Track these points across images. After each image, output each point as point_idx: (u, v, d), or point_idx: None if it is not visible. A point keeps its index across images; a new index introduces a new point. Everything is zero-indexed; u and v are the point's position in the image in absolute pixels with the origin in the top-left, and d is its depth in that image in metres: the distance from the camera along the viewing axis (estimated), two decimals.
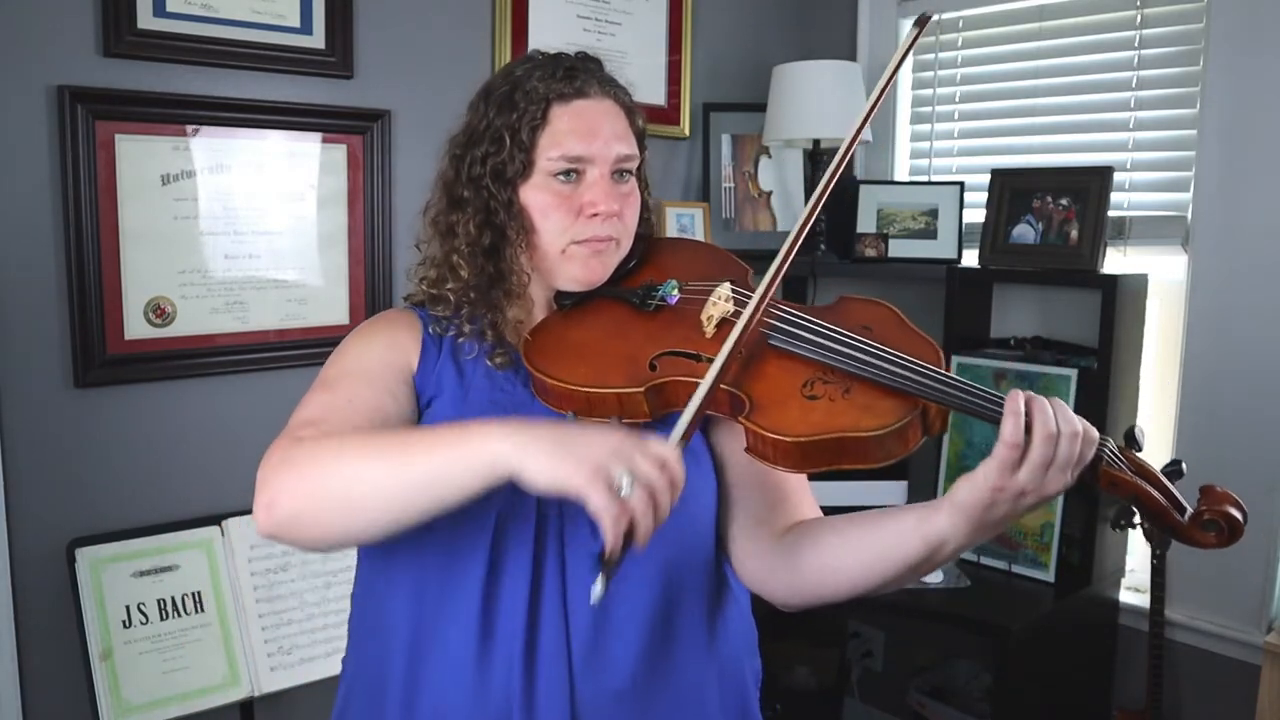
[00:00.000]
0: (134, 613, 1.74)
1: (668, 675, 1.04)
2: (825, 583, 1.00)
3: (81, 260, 1.75)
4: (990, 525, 0.88)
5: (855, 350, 0.95)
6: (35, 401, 1.74)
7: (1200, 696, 2.24)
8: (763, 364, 0.98)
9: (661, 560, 1.04)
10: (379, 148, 2.09)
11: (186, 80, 1.85)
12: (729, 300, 1.04)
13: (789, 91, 2.52)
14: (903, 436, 0.90)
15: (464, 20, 2.23)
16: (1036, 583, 2.22)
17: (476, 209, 1.08)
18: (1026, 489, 0.85)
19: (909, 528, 0.92)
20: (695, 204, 2.67)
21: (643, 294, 1.09)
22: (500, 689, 0.99)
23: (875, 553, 0.95)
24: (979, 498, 0.86)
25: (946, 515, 0.89)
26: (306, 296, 2.04)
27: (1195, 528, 0.91)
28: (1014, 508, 0.87)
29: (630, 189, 1.11)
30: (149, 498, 1.86)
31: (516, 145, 1.05)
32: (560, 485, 0.79)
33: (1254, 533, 2.14)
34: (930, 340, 0.98)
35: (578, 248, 1.07)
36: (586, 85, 1.08)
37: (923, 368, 0.92)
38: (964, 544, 0.90)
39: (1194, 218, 2.21)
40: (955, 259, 2.55)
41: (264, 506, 0.89)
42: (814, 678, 2.71)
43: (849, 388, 0.93)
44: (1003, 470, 0.85)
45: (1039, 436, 0.84)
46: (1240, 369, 2.14)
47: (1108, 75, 2.39)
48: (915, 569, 0.94)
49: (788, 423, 0.91)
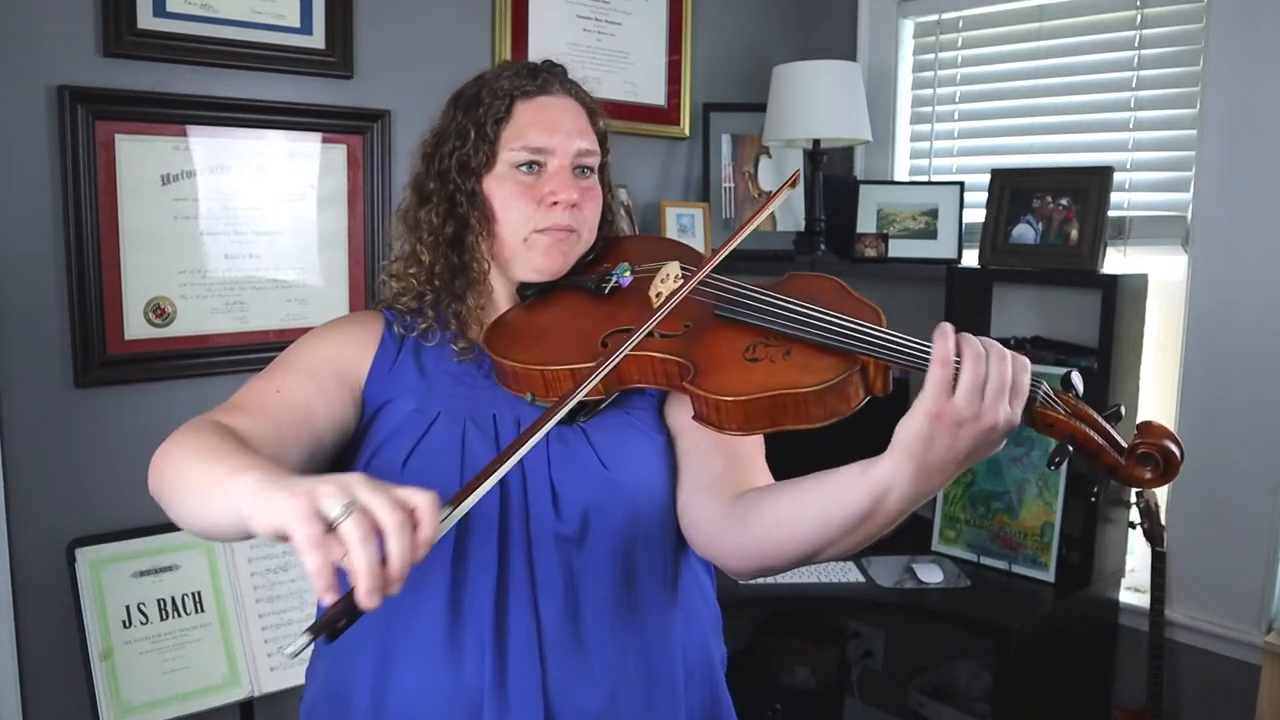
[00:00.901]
0: (134, 613, 1.74)
1: (636, 656, 1.06)
2: (771, 540, 0.97)
3: (81, 260, 1.75)
4: (933, 467, 0.85)
5: (794, 314, 0.98)
6: (35, 401, 1.74)
7: (1200, 696, 2.24)
8: (708, 333, 1.02)
9: (621, 539, 1.05)
10: (379, 148, 2.09)
11: (186, 80, 1.85)
12: (677, 278, 1.08)
13: (789, 91, 2.52)
14: (842, 392, 0.92)
15: (464, 20, 2.23)
16: (1036, 583, 2.23)
17: (441, 199, 1.12)
18: (963, 415, 0.82)
19: (853, 478, 0.90)
20: (695, 204, 2.67)
21: (597, 279, 1.13)
22: (472, 677, 1.00)
23: (820, 508, 0.93)
24: (916, 429, 0.84)
25: (888, 458, 0.87)
26: (306, 296, 2.04)
27: (1132, 462, 0.90)
28: (954, 442, 0.84)
29: (591, 184, 1.15)
30: (149, 498, 1.85)
31: (481, 138, 1.10)
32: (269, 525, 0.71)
33: (1254, 533, 2.16)
34: (872, 305, 1.00)
35: (539, 236, 1.11)
36: (549, 84, 1.14)
37: (858, 325, 0.94)
38: (908, 491, 0.86)
39: (1194, 218, 2.21)
40: (955, 259, 2.56)
41: (149, 485, 0.96)
42: (814, 678, 2.71)
43: (789, 349, 0.96)
44: (937, 395, 0.82)
45: (969, 357, 0.82)
46: (1240, 369, 2.14)
47: (1108, 75, 2.39)
48: (861, 522, 0.90)
49: (729, 384, 0.94)
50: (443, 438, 1.05)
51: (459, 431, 1.05)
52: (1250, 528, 2.13)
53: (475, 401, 1.08)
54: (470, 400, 1.08)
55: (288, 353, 1.10)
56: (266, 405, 1.01)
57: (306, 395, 1.03)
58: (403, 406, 1.07)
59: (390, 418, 1.07)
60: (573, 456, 1.05)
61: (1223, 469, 2.15)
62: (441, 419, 1.06)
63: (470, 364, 1.11)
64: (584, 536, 1.04)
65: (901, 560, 2.30)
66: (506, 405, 1.08)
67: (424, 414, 1.06)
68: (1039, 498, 2.26)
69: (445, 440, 1.05)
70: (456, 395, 1.09)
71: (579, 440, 1.07)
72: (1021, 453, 2.30)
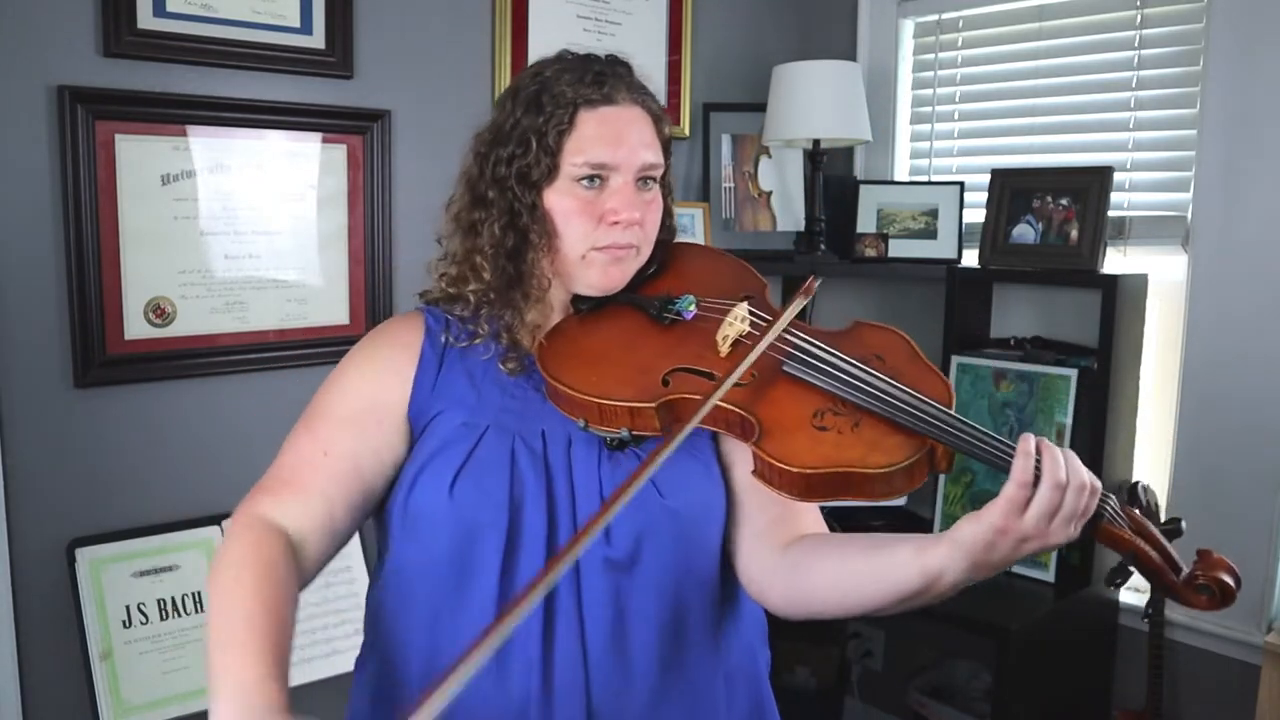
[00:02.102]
0: (134, 613, 1.74)
1: (681, 677, 1.05)
2: (821, 600, 1.00)
3: (81, 260, 1.75)
4: (989, 566, 0.88)
5: (868, 384, 0.95)
6: (35, 401, 1.74)
7: (1200, 696, 2.23)
8: (775, 390, 0.98)
9: (672, 566, 1.04)
10: (379, 148, 2.09)
11: (186, 80, 1.85)
12: (745, 321, 1.04)
13: (789, 91, 2.52)
14: (909, 474, 0.91)
15: (464, 20, 2.23)
16: (1036, 583, 2.22)
17: (501, 210, 1.08)
18: (1030, 534, 0.85)
19: (907, 557, 0.92)
20: (695, 204, 2.67)
21: (660, 305, 1.09)
22: (518, 691, 0.99)
23: (872, 578, 0.95)
24: (981, 537, 0.86)
25: (946, 549, 0.89)
26: (306, 296, 2.04)
27: (1189, 590, 0.92)
28: (1014, 552, 0.87)
29: (653, 196, 1.11)
30: (149, 498, 1.86)
31: (543, 149, 1.05)
32: None
33: (1254, 533, 2.16)
34: (941, 375, 0.99)
35: (598, 254, 1.07)
36: (615, 91, 1.08)
37: (934, 408, 0.92)
38: (960, 581, 0.90)
39: (1194, 218, 2.21)
40: (955, 259, 2.55)
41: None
42: (814, 678, 2.71)
43: (859, 421, 0.94)
44: (1009, 512, 0.85)
45: (1047, 483, 0.85)
46: (1240, 369, 2.13)
47: (1108, 75, 2.39)
48: (911, 598, 0.93)
49: (795, 453, 0.91)
50: (492, 452, 1.03)
51: (508, 446, 1.03)
52: (1250, 528, 2.12)
53: (524, 416, 1.06)
54: (519, 415, 1.06)
55: (327, 395, 1.08)
56: (317, 474, 1.02)
57: (353, 450, 1.03)
58: (451, 419, 1.05)
59: (438, 430, 1.05)
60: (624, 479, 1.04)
61: (1223, 469, 2.15)
62: (490, 432, 1.04)
63: (521, 376, 1.09)
64: (634, 563, 1.02)
65: None
66: (557, 422, 1.05)
67: (472, 427, 1.04)
68: None
69: (495, 454, 1.03)
70: (506, 409, 1.06)
71: (632, 465, 1.04)
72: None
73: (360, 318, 2.11)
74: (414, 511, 1.03)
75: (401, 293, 2.16)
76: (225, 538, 0.98)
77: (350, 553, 1.97)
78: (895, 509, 2.46)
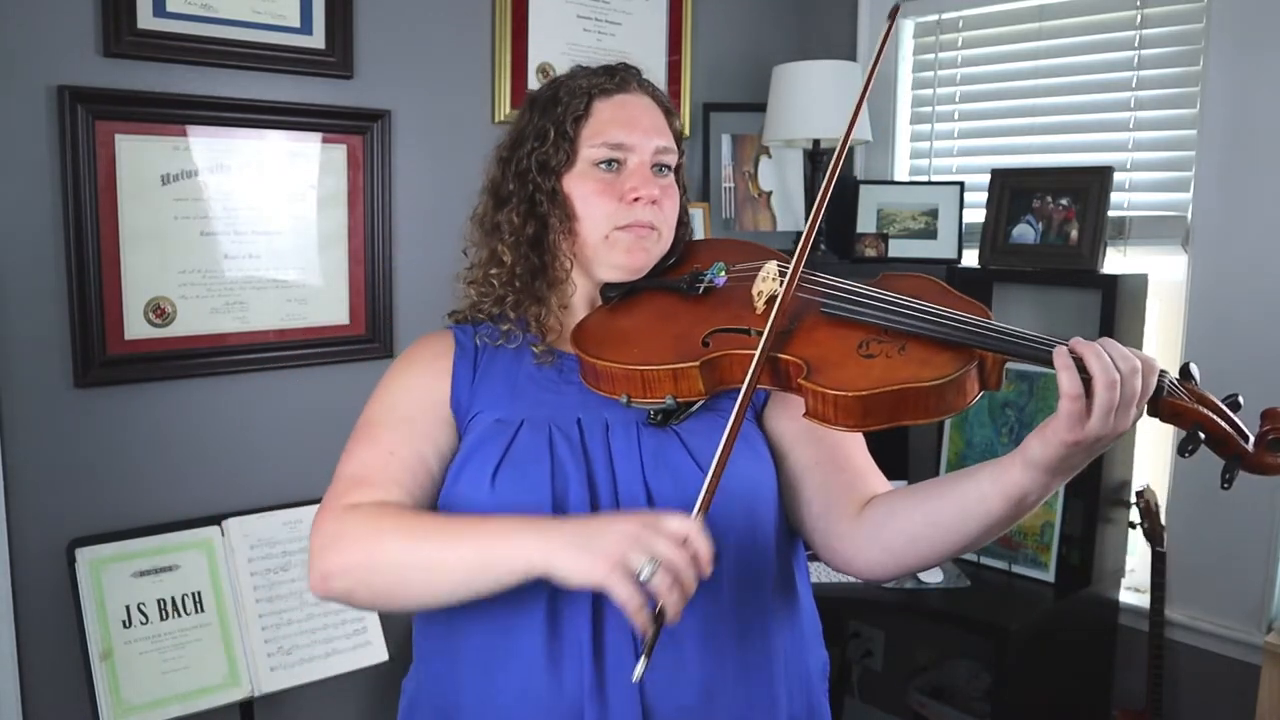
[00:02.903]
0: (134, 613, 1.74)
1: (736, 680, 1.04)
2: (913, 552, 1.01)
3: (81, 260, 1.75)
4: (1070, 469, 0.89)
5: (907, 309, 0.97)
6: (35, 401, 1.74)
7: (1200, 696, 2.24)
8: (816, 331, 1.00)
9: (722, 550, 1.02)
10: (379, 148, 2.09)
11: (186, 80, 1.85)
12: (776, 278, 1.06)
13: (789, 91, 2.52)
14: (961, 387, 0.91)
15: (464, 20, 2.23)
16: (1036, 583, 2.22)
17: (521, 199, 1.11)
18: (1101, 434, 0.84)
19: (985, 488, 0.93)
20: (695, 204, 2.67)
21: (690, 279, 1.11)
22: (572, 684, 0.99)
23: (959, 518, 0.96)
24: (1053, 453, 0.86)
25: (1022, 471, 0.89)
26: (306, 296, 2.04)
27: (1262, 449, 0.91)
28: (1091, 450, 0.87)
29: (669, 183, 1.14)
30: (149, 498, 1.86)
31: (561, 136, 1.09)
32: (587, 582, 0.84)
33: (1254, 533, 2.16)
34: (975, 302, 1.00)
35: (621, 234, 1.10)
36: (627, 82, 1.14)
37: (975, 320, 0.94)
38: (1046, 492, 0.91)
39: (1194, 218, 2.21)
40: (955, 259, 2.56)
41: (319, 577, 0.97)
42: None
43: (904, 345, 0.95)
44: (1072, 424, 0.84)
45: (1101, 384, 0.83)
46: (1240, 369, 2.13)
47: (1108, 75, 2.39)
48: (1004, 524, 0.94)
49: (848, 379, 0.92)
50: (530, 444, 1.04)
51: (545, 438, 1.04)
52: (1250, 528, 2.12)
53: (558, 407, 1.07)
54: (554, 406, 1.07)
55: (379, 406, 1.10)
56: (391, 473, 1.02)
57: (417, 447, 1.05)
58: (486, 419, 1.07)
59: (475, 430, 1.07)
60: (667, 460, 1.04)
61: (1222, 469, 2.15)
62: (525, 427, 1.05)
63: (550, 369, 1.10)
64: None
65: None
66: (592, 408, 1.07)
67: (507, 424, 1.05)
68: None
69: (532, 447, 1.04)
70: (540, 403, 1.08)
71: (674, 444, 1.05)
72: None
73: (360, 318, 2.11)
74: (457, 508, 1.04)
75: (401, 293, 2.16)
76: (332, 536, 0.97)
77: None
78: None
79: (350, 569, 0.96)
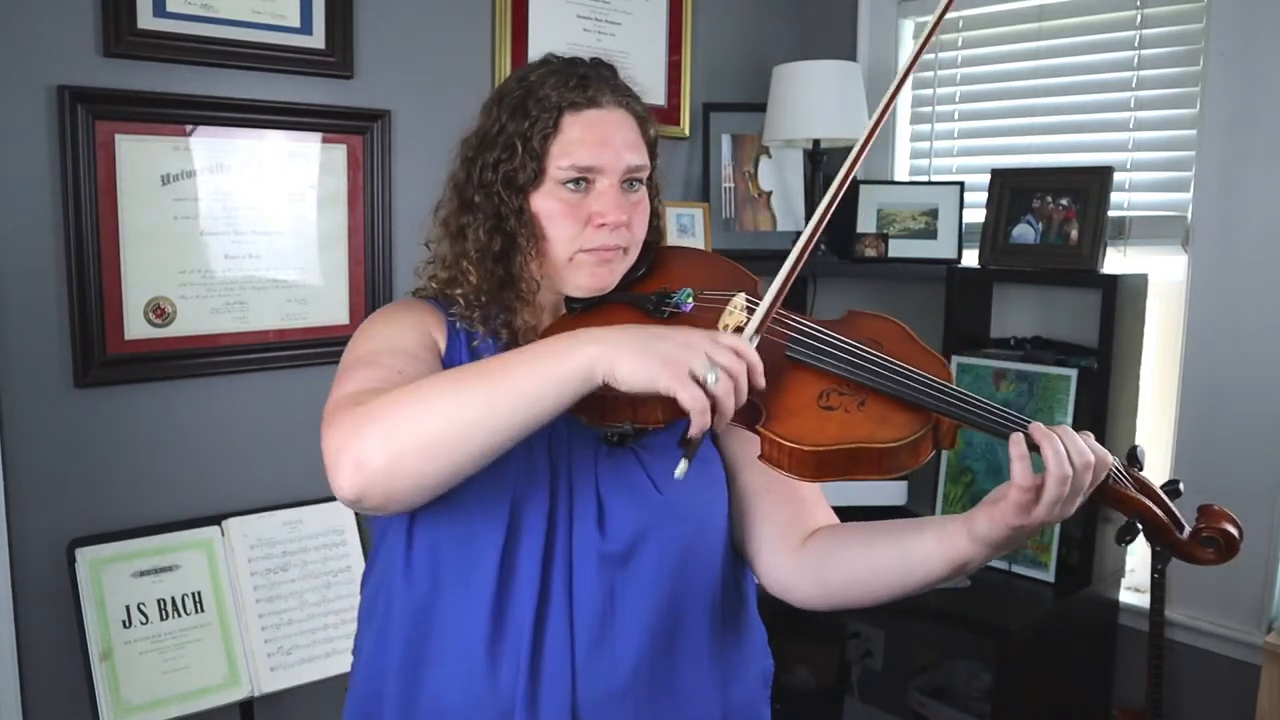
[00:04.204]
0: (134, 613, 1.74)
1: (670, 678, 1.05)
2: (850, 594, 1.04)
3: (81, 260, 1.75)
4: (1012, 547, 0.94)
5: (871, 364, 0.96)
6: (35, 401, 1.74)
7: (1200, 696, 2.24)
8: (779, 375, 0.98)
9: (669, 567, 1.04)
10: (379, 148, 2.09)
11: (186, 80, 1.85)
12: (744, 310, 1.04)
13: (789, 91, 2.52)
14: (915, 449, 0.92)
15: (464, 20, 2.23)
16: (1036, 583, 2.22)
17: (487, 214, 1.08)
18: (1045, 520, 0.88)
19: (929, 548, 0.96)
20: (695, 204, 2.67)
21: (657, 300, 1.09)
22: (507, 685, 1.00)
23: (901, 571, 0.99)
24: (998, 533, 0.90)
25: (967, 543, 0.93)
26: (306, 296, 2.04)
27: (1195, 544, 0.94)
28: (1033, 534, 0.91)
29: (640, 198, 1.11)
30: (149, 498, 1.86)
31: (528, 153, 1.05)
32: (652, 385, 0.84)
33: (1254, 533, 2.15)
34: (939, 356, 1.00)
35: (585, 256, 1.07)
36: (599, 94, 1.08)
37: (937, 383, 0.94)
38: (986, 561, 0.95)
39: (1194, 218, 2.21)
40: (955, 259, 2.55)
41: (352, 467, 0.85)
42: (814, 678, 2.71)
43: (864, 400, 0.95)
44: (1019, 511, 0.87)
45: (1054, 479, 0.86)
46: (1240, 369, 2.14)
47: (1108, 75, 2.39)
48: (940, 581, 0.99)
49: (804, 432, 0.92)
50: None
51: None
52: (1250, 528, 2.11)
53: None
54: None
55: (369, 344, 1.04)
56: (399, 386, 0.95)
57: (420, 370, 1.00)
58: None
59: None
60: (624, 477, 1.04)
61: (1223, 469, 2.15)
62: None
63: None
64: (630, 558, 1.03)
65: None
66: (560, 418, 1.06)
67: None
68: None
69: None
70: None
71: (630, 462, 1.05)
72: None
73: (360, 318, 2.10)
74: None
75: (401, 293, 2.16)
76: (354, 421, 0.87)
77: (350, 553, 1.97)
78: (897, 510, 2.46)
79: (391, 435, 0.86)
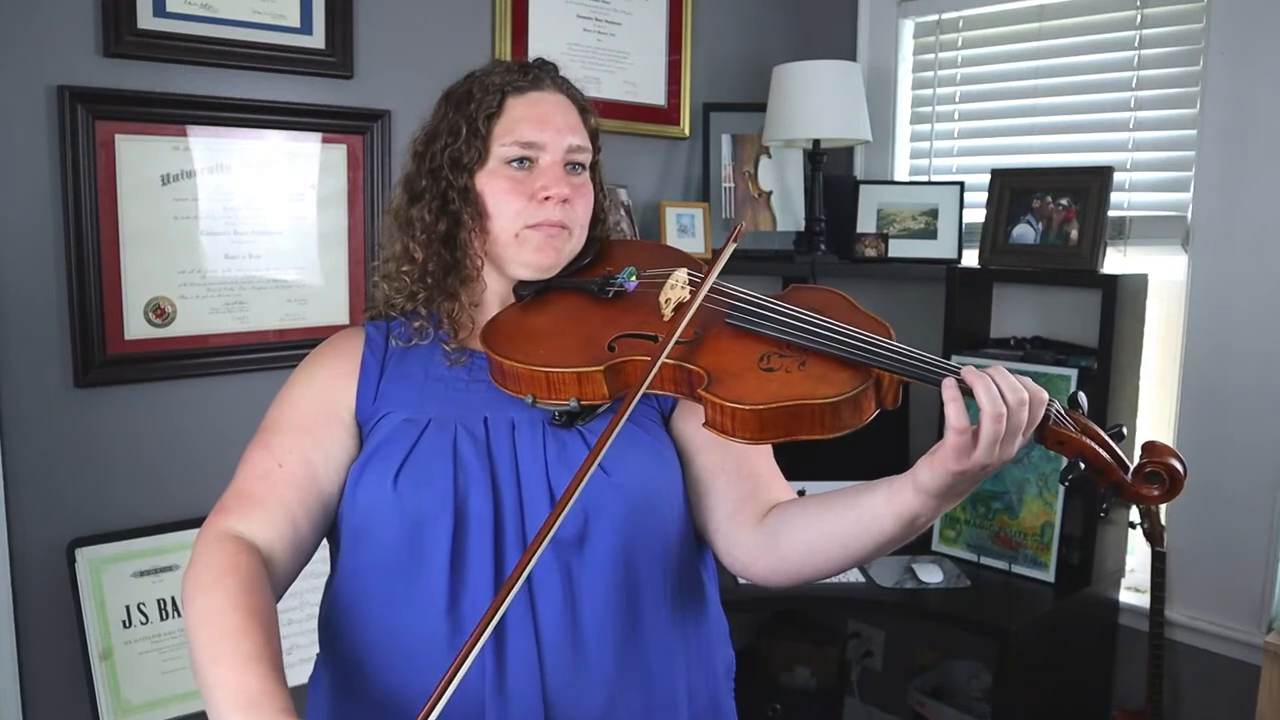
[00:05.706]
0: (134, 613, 1.74)
1: (639, 660, 1.05)
2: (808, 564, 1.03)
3: (81, 260, 1.75)
4: (959, 495, 0.92)
5: (809, 326, 0.98)
6: (35, 401, 1.74)
7: (1200, 696, 2.24)
8: (719, 341, 1.01)
9: (622, 545, 1.04)
10: (379, 148, 2.09)
11: (186, 80, 1.85)
12: (685, 286, 1.07)
13: (789, 91, 2.52)
14: (857, 405, 0.93)
15: (464, 20, 2.23)
16: (1036, 583, 2.23)
17: (433, 196, 1.11)
18: (986, 464, 0.87)
19: (879, 506, 0.95)
20: (695, 204, 2.67)
21: (601, 282, 1.12)
22: (473, 678, 0.99)
23: (853, 533, 0.99)
24: (940, 480, 0.89)
25: (913, 495, 0.92)
26: (306, 296, 2.04)
27: (1140, 480, 0.93)
28: (978, 478, 0.90)
29: (583, 181, 1.14)
30: (149, 498, 1.86)
31: (473, 133, 1.10)
32: None
33: (1254, 533, 2.16)
34: (881, 320, 1.01)
35: (531, 232, 1.10)
36: (541, 79, 1.13)
37: (874, 340, 0.95)
38: (935, 515, 0.94)
39: (1194, 218, 2.21)
40: (955, 259, 2.56)
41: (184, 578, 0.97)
42: (814, 678, 2.71)
43: (804, 360, 0.97)
44: (958, 455, 0.87)
45: (988, 417, 0.86)
46: (1240, 369, 2.14)
47: (1108, 75, 2.39)
48: (894, 541, 0.97)
49: (745, 392, 0.94)
50: (434, 444, 1.04)
51: (450, 437, 1.05)
52: (1250, 528, 2.13)
53: (465, 405, 1.08)
54: (461, 404, 1.08)
55: (278, 409, 1.11)
56: (275, 486, 1.02)
57: (307, 457, 1.05)
58: (394, 419, 1.07)
59: (381, 429, 1.07)
60: (570, 459, 1.05)
61: (1223, 469, 2.15)
62: (432, 426, 1.05)
63: (460, 368, 1.11)
64: (583, 539, 1.03)
65: (901, 560, 2.30)
66: (499, 406, 1.07)
67: (414, 423, 1.06)
68: (1039, 498, 2.26)
69: (437, 446, 1.04)
70: (448, 400, 1.08)
71: (577, 444, 1.06)
72: (1022, 454, 2.30)
73: (360, 317, 2.10)
74: (361, 509, 1.04)
75: None
76: (195, 555, 0.97)
77: None
78: None
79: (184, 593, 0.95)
